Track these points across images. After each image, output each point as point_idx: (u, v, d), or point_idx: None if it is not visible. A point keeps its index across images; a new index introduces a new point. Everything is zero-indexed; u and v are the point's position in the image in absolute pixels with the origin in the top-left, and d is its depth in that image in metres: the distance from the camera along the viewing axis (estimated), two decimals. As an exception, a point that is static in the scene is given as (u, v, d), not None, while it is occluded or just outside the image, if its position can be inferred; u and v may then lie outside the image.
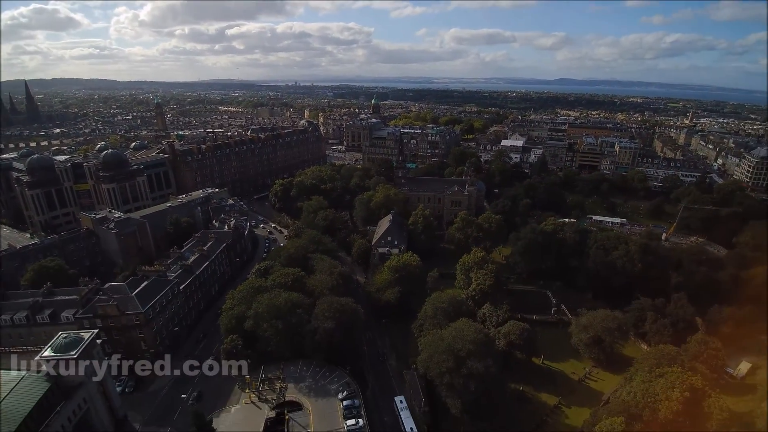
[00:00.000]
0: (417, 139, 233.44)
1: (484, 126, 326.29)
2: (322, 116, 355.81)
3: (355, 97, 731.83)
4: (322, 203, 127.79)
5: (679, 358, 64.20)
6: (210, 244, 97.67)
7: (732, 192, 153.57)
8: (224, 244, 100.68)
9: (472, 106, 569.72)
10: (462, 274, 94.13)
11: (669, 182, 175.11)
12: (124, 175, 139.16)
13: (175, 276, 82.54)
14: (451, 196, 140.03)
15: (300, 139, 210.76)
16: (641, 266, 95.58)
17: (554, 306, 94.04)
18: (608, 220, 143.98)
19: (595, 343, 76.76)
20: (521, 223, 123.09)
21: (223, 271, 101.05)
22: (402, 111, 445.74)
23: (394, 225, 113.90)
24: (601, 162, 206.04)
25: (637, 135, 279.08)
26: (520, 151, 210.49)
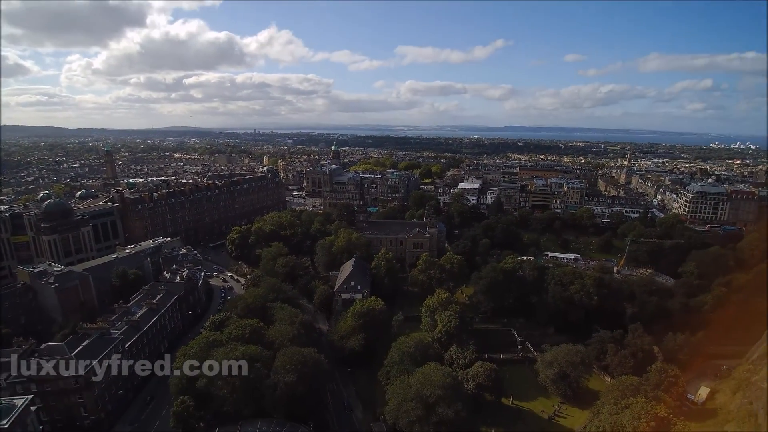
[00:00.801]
0: (377, 184, 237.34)
1: (441, 170, 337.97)
2: (282, 163, 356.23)
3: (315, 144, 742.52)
4: (281, 250, 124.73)
5: (642, 388, 65.21)
6: (159, 297, 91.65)
7: (673, 225, 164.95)
8: (175, 296, 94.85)
9: (429, 151, 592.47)
10: (427, 317, 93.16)
11: (615, 218, 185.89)
12: (67, 225, 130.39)
13: (120, 333, 76.12)
14: (413, 239, 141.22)
15: (259, 185, 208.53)
16: (597, 299, 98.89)
17: (519, 343, 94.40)
18: (563, 256, 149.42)
19: (561, 378, 77.02)
20: (482, 262, 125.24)
21: (174, 325, 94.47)
22: (362, 157, 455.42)
23: (356, 269, 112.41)
24: (552, 202, 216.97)
25: (582, 176, 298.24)
26: (476, 193, 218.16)
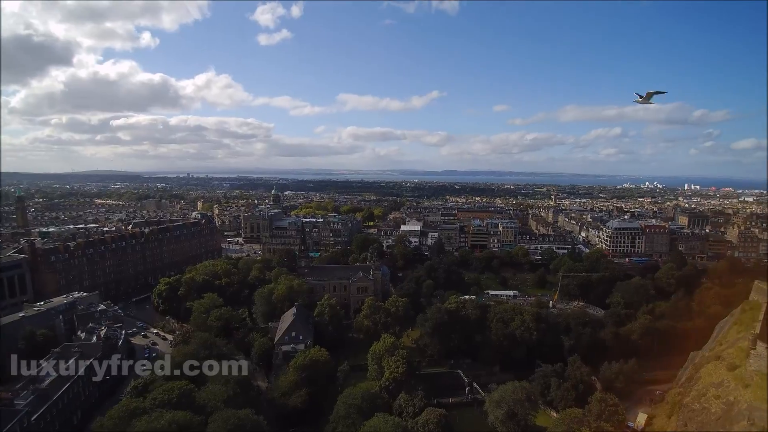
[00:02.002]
0: (320, 228, 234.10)
1: (383, 213, 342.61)
2: (218, 208, 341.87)
3: (254, 188, 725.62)
4: (215, 301, 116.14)
5: (585, 420, 66.28)
6: (73, 361, 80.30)
7: (597, 259, 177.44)
8: (91, 359, 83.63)
9: (371, 195, 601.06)
10: (374, 364, 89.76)
11: (546, 255, 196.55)
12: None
13: (26, 404, 65.18)
14: (357, 283, 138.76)
15: (191, 232, 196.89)
16: (537, 334, 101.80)
17: (467, 385, 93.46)
18: (503, 293, 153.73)
19: (509, 418, 76.35)
20: (426, 303, 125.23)
21: (89, 393, 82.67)
22: (303, 201, 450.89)
23: (298, 318, 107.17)
24: (489, 241, 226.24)
25: (515, 216, 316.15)
26: (418, 235, 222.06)
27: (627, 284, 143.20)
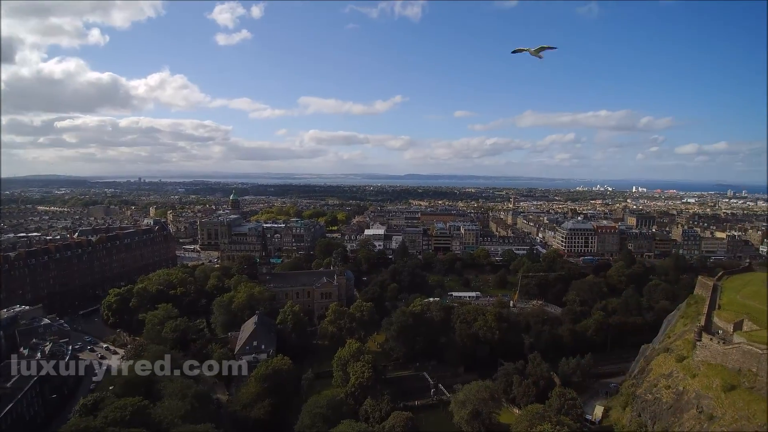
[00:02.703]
0: (281, 234, 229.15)
1: (347, 217, 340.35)
2: (172, 214, 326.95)
3: (211, 193, 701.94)
4: (170, 312, 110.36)
5: (546, 415, 67.93)
6: (14, 381, 73.86)
7: (554, 259, 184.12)
8: (35, 377, 77.17)
9: (334, 199, 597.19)
10: (339, 370, 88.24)
11: (506, 256, 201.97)
12: None
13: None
14: (321, 288, 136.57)
15: (144, 239, 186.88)
16: (499, 333, 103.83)
17: (432, 387, 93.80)
18: (466, 295, 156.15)
19: (474, 417, 77.13)
20: (391, 307, 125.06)
21: (33, 413, 76.04)
22: (264, 206, 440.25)
23: (260, 327, 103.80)
24: (452, 243, 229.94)
25: (476, 218, 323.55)
26: (382, 239, 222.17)
27: (582, 283, 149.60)
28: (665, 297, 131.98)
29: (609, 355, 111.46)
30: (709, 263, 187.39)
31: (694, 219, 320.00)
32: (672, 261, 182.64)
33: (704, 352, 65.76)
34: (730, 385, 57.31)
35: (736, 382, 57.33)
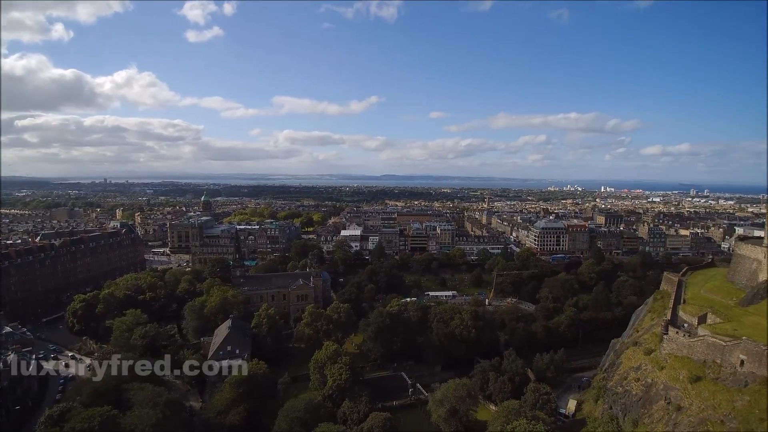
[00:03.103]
0: (255, 235, 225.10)
1: (323, 218, 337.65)
2: (140, 216, 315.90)
3: (181, 194, 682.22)
4: (139, 318, 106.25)
5: (522, 410, 68.94)
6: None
7: (527, 257, 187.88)
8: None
9: (309, 200, 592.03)
10: (316, 373, 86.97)
11: (482, 255, 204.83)
12: None
13: None
14: (297, 291, 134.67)
15: (110, 243, 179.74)
16: (475, 331, 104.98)
17: (410, 387, 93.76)
18: (442, 294, 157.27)
19: (452, 415, 77.56)
20: (368, 308, 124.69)
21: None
22: (237, 207, 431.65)
23: (234, 331, 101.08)
24: (429, 243, 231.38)
25: (452, 218, 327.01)
26: (359, 240, 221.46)
27: (554, 280, 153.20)
28: (633, 292, 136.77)
29: (581, 350, 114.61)
30: (674, 259, 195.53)
31: (660, 217, 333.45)
32: (639, 258, 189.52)
33: (671, 345, 68.19)
34: (696, 376, 59.60)
35: (701, 373, 59.66)
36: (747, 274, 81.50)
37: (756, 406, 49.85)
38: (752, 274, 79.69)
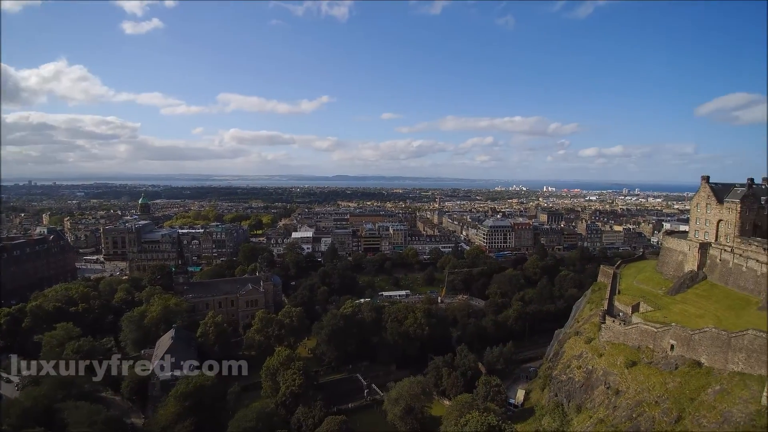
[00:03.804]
0: (200, 240, 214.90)
1: (273, 220, 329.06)
2: (70, 221, 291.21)
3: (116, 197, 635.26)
4: (71, 331, 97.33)
5: (474, 403, 70.93)
6: None
7: (477, 255, 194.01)
8: None
9: (258, 201, 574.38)
10: (268, 380, 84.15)
11: (434, 254, 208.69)
12: None
13: None
14: (246, 296, 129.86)
15: (36, 251, 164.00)
16: (429, 329, 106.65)
17: (366, 388, 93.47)
18: (396, 294, 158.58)
19: (407, 413, 78.14)
20: (322, 311, 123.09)
21: None
22: (179, 210, 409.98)
23: (178, 342, 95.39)
24: (382, 244, 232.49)
25: (404, 218, 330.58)
26: (311, 242, 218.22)
27: (502, 276, 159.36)
28: (574, 285, 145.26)
29: (528, 342, 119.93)
30: (609, 253, 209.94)
31: (596, 215, 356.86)
32: (578, 253, 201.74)
33: (608, 333, 72.93)
34: (632, 361, 64.12)
35: (636, 358, 64.28)
36: (674, 265, 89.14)
37: (686, 386, 54.37)
38: (679, 265, 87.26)
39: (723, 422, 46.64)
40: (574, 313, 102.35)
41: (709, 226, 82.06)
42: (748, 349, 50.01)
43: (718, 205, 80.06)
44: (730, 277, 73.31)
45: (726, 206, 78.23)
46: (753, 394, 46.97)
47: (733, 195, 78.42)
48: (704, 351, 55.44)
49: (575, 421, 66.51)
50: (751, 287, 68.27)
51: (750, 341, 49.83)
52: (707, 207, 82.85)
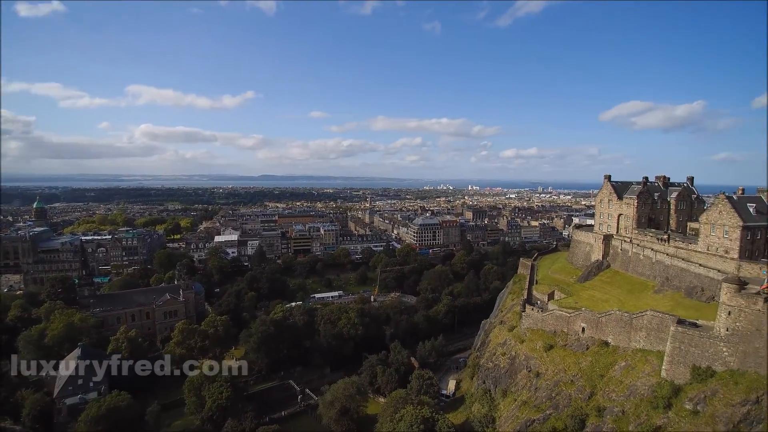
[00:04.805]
0: (107, 247, 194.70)
1: (192, 224, 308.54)
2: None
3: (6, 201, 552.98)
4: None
5: (408, 398, 72.30)
6: None
7: (408, 253, 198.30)
8: None
9: (175, 203, 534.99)
10: (192, 396, 78.37)
11: (366, 253, 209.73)
12: None
13: None
14: (164, 307, 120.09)
15: None
16: (362, 328, 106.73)
17: (300, 394, 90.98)
18: (328, 295, 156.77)
19: (343, 414, 77.41)
20: (250, 317, 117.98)
21: None
22: (83, 215, 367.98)
23: (85, 361, 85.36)
24: (313, 245, 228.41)
25: (335, 219, 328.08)
26: (236, 245, 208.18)
27: (432, 272, 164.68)
28: (497, 278, 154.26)
29: (458, 334, 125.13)
30: (527, 247, 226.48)
31: (515, 211, 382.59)
32: (500, 247, 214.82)
33: (528, 320, 78.27)
34: (549, 345, 69.39)
35: (553, 342, 69.67)
36: (582, 255, 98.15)
37: (596, 365, 60.01)
38: (586, 255, 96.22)
39: (629, 395, 52.14)
40: (498, 303, 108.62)
41: (611, 220, 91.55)
42: (647, 328, 56.38)
43: (618, 201, 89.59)
44: (630, 264, 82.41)
45: (625, 202, 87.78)
46: (654, 367, 53.06)
47: (630, 192, 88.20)
48: (610, 332, 61.60)
49: (501, 405, 70.56)
50: (647, 273, 77.29)
51: (649, 321, 56.22)
52: (609, 203, 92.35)
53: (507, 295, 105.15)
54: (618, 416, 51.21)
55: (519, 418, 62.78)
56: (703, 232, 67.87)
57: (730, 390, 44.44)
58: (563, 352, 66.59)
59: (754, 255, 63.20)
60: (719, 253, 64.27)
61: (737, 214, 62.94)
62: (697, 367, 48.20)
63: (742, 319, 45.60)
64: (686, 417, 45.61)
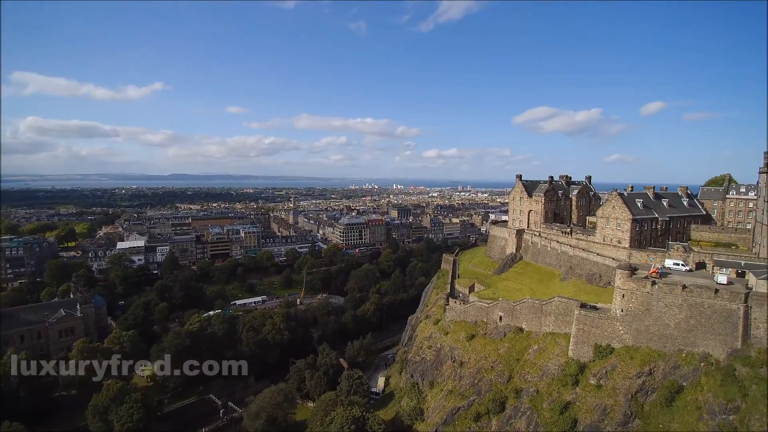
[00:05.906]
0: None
1: (90, 229, 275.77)
2: None
3: None
4: None
5: (338, 400, 71.76)
6: None
7: (334, 253, 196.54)
8: None
9: (69, 206, 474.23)
10: (97, 421, 70.15)
11: (290, 255, 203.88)
12: None
13: None
14: (58, 324, 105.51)
15: None
16: (289, 333, 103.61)
17: (222, 408, 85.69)
18: (251, 301, 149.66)
19: (270, 424, 74.43)
20: (162, 330, 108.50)
21: None
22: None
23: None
24: (232, 248, 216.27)
25: (257, 220, 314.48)
26: (143, 252, 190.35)
27: (359, 271, 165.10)
28: (422, 274, 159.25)
29: (386, 331, 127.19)
30: (449, 243, 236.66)
31: (438, 209, 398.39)
32: (425, 244, 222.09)
33: (451, 313, 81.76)
34: (471, 334, 73.08)
35: (475, 331, 73.47)
36: (498, 249, 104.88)
37: (513, 350, 64.41)
38: (502, 249, 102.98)
39: (542, 375, 56.67)
40: (424, 298, 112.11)
41: (523, 216, 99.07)
42: (555, 313, 61.76)
43: (528, 198, 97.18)
44: (539, 255, 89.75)
45: (534, 199, 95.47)
46: (562, 348, 58.24)
47: (539, 190, 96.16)
48: (524, 318, 66.51)
49: (429, 396, 72.82)
50: (554, 263, 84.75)
51: (556, 306, 61.63)
52: (521, 200, 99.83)
53: (432, 290, 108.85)
54: (533, 396, 55.45)
55: (446, 408, 65.28)
56: (600, 225, 76.20)
57: (627, 364, 50.31)
58: (484, 340, 70.55)
59: (642, 244, 72.49)
60: (613, 243, 72.60)
61: (627, 209, 71.62)
62: (599, 345, 53.87)
63: (634, 300, 51.83)
64: (591, 391, 50.72)
